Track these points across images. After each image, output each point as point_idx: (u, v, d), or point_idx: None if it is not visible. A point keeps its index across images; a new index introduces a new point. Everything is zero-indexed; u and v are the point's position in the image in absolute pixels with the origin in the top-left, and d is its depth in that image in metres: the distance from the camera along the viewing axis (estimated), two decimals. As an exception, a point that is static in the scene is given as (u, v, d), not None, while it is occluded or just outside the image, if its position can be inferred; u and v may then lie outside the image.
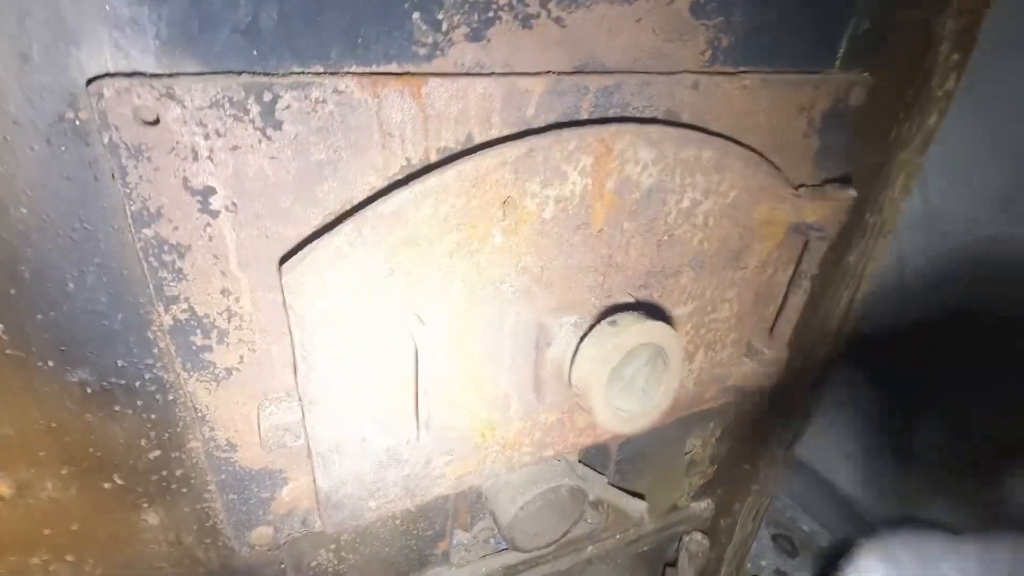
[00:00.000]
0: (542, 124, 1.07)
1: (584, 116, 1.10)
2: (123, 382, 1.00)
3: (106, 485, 1.08)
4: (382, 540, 1.51)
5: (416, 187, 0.91)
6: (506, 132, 1.04)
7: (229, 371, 1.04)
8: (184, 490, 1.17)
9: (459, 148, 1.02)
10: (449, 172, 0.92)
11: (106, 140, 0.78)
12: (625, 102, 1.13)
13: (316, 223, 0.97)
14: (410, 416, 1.13)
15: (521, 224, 1.04)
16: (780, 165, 1.31)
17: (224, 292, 0.96)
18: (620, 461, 1.82)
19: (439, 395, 1.10)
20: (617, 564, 2.10)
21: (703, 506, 2.19)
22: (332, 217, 0.98)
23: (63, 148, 0.79)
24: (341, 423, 1.06)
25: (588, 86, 1.07)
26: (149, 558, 1.21)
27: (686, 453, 1.93)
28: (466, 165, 0.92)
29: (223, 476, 1.14)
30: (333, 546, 1.45)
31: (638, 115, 1.15)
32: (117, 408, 1.02)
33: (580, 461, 1.90)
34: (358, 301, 0.96)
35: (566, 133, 0.99)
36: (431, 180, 0.91)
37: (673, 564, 2.14)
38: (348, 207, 0.98)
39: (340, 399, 1.03)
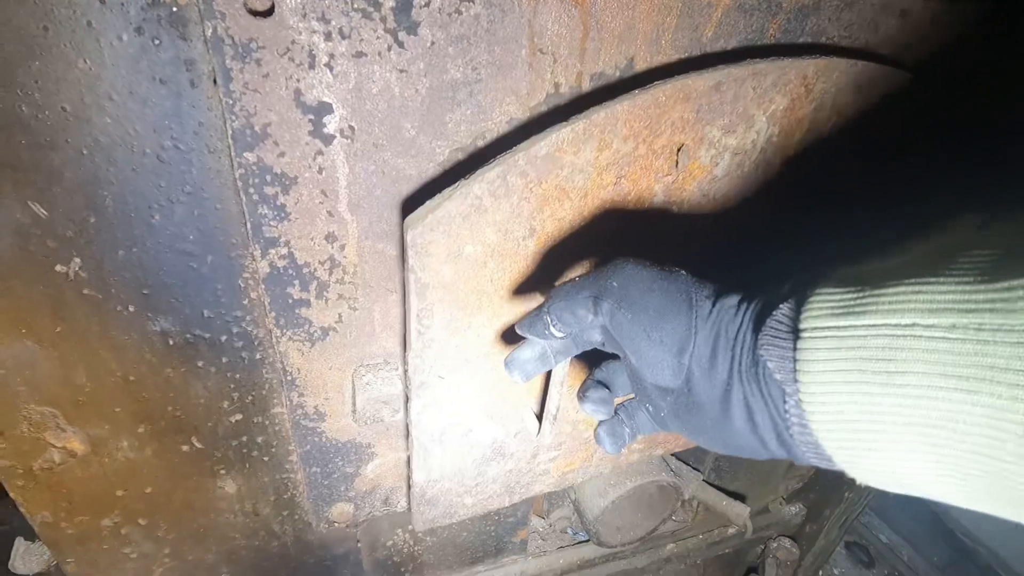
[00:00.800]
0: (719, 50, 0.85)
1: (768, 43, 0.88)
2: (208, 335, 0.87)
3: (184, 448, 0.97)
4: (461, 524, 1.38)
5: (579, 124, 0.71)
6: (676, 58, 0.83)
7: (325, 331, 0.89)
8: (265, 459, 1.04)
9: (616, 76, 0.82)
10: (620, 106, 0.72)
11: (208, 33, 0.61)
12: (819, 29, 0.89)
13: (441, 159, 0.79)
14: (527, 407, 0.97)
15: (688, 181, 0.83)
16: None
17: (329, 238, 0.80)
18: (719, 459, 1.63)
19: (571, 386, 0.93)
20: (695, 564, 1.93)
21: (794, 511, 1.99)
22: (461, 154, 0.80)
23: (157, 42, 0.63)
24: (450, 410, 0.91)
25: (781, 3, 0.84)
26: (223, 527, 1.11)
27: (792, 455, 1.72)
28: (643, 98, 0.72)
29: (308, 447, 1.01)
30: (410, 527, 1.33)
31: (833, 47, 0.91)
32: (200, 364, 0.89)
33: (674, 454, 1.72)
34: (490, 268, 0.78)
35: (763, 64, 0.77)
36: (599, 114, 0.71)
37: (755, 569, 1.96)
38: (480, 142, 0.80)
39: (453, 384, 0.87)
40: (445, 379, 0.86)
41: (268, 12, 0.62)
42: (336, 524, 1.16)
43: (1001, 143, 1.06)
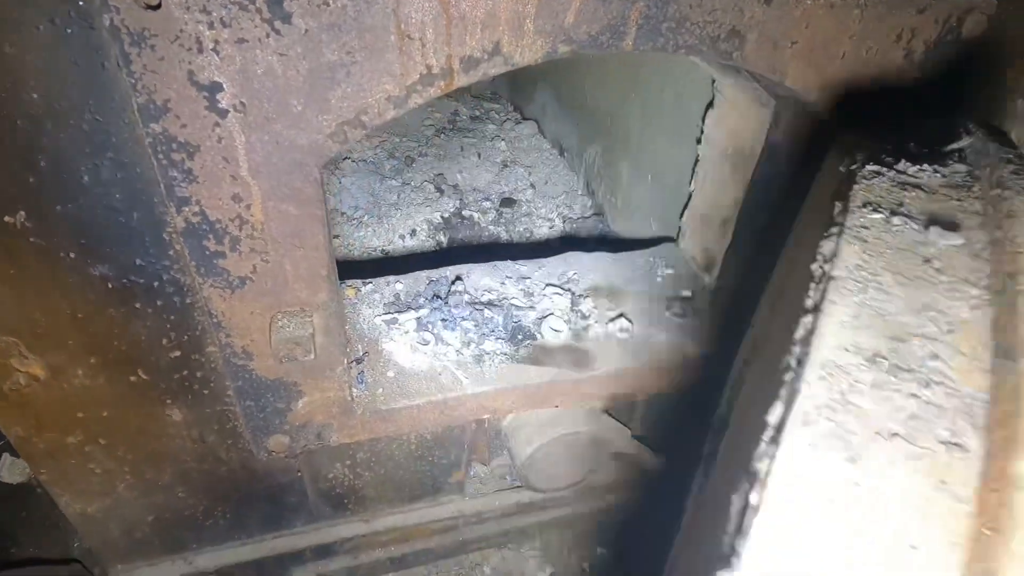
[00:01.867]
0: (583, 37, 0.95)
1: (631, 30, 0.97)
2: (142, 281, 1.02)
3: (132, 378, 1.13)
4: (396, 462, 1.54)
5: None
6: (540, 42, 0.93)
7: (243, 280, 1.03)
8: (205, 392, 1.21)
9: (485, 59, 0.93)
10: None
11: (107, 24, 0.74)
12: (682, 15, 0.98)
13: (330, 131, 0.92)
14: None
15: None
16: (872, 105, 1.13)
17: (236, 198, 0.94)
18: (645, 417, 1.75)
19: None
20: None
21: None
22: (348, 127, 0.92)
23: (68, 30, 0.77)
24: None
25: (639, -9, 0.93)
26: (175, 452, 1.28)
27: (719, 416, 1.84)
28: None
29: (240, 383, 1.17)
30: (349, 462, 1.49)
31: (697, 32, 1.00)
32: (138, 306, 1.04)
33: (606, 411, 1.85)
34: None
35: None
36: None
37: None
38: (364, 116, 0.92)
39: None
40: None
41: (157, 6, 0.75)
42: (275, 453, 1.33)
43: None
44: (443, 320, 1.58)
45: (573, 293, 1.76)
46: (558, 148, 3.46)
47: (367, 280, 1.74)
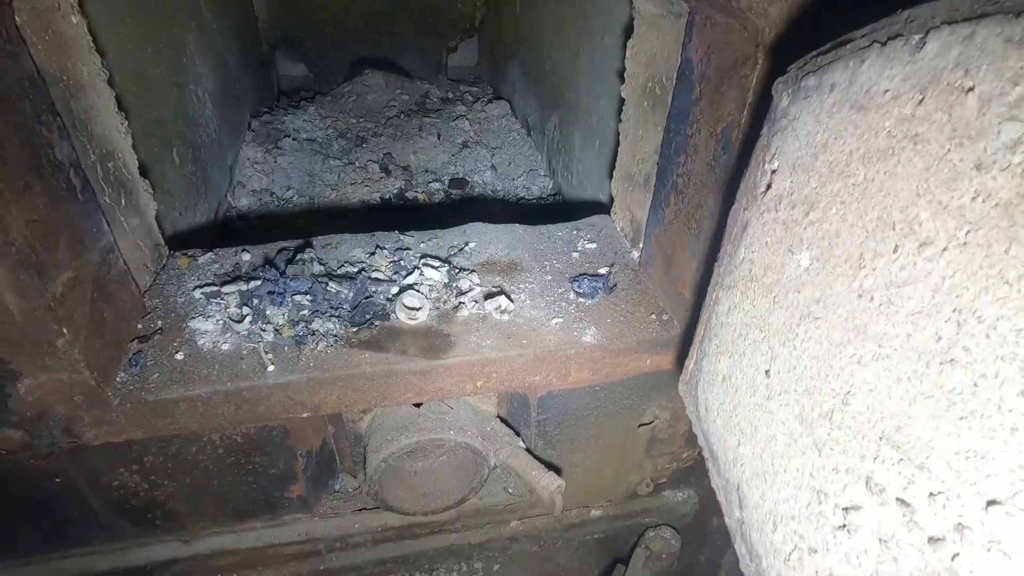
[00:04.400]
0: None
1: None
2: None
3: None
4: (204, 470, 1.22)
5: None
6: None
7: None
8: None
9: None
10: None
11: None
12: None
13: None
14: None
15: None
16: None
17: None
18: (542, 422, 1.38)
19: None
20: (554, 547, 1.69)
21: (680, 497, 1.70)
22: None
23: None
24: None
25: None
26: None
27: (641, 425, 1.45)
28: None
29: (-82, 355, 0.89)
30: (136, 467, 1.19)
31: None
32: None
33: (500, 417, 1.49)
34: None
35: None
36: None
37: (624, 561, 1.69)
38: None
39: None
40: None
41: None
42: (6, 452, 1.04)
43: None
44: (271, 293, 1.27)
45: (454, 267, 1.41)
46: (526, 127, 3.13)
47: (212, 249, 1.46)
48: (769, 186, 0.74)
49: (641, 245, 1.46)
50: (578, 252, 1.53)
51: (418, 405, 1.33)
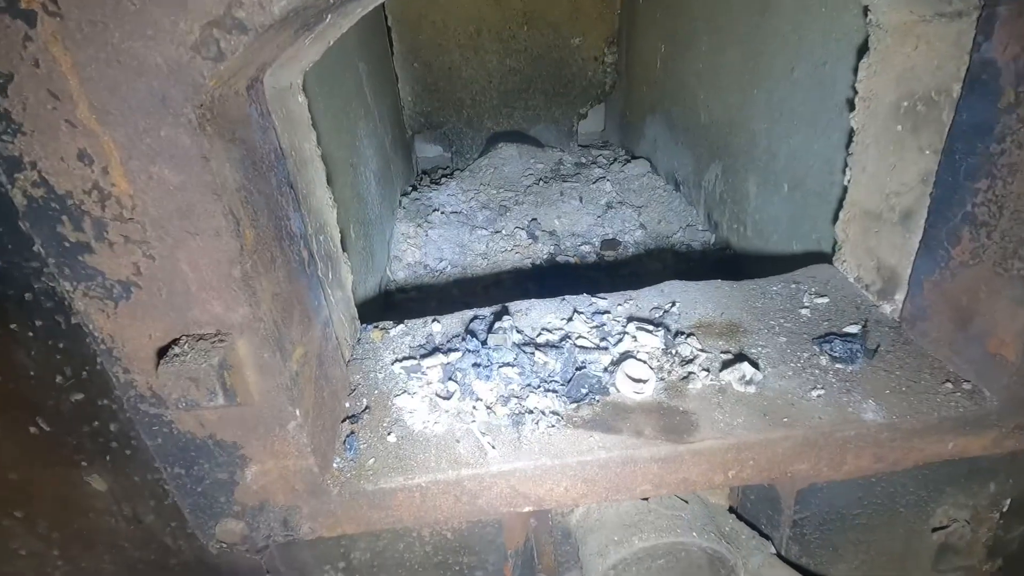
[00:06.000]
0: None
1: None
2: (11, 292, 0.76)
3: (32, 429, 0.86)
4: (409, 569, 1.08)
5: None
6: None
7: (125, 286, 0.73)
8: (127, 452, 0.90)
9: None
10: None
11: None
12: None
13: (193, 39, 0.60)
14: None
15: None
16: None
17: (83, 157, 0.65)
18: (800, 522, 1.10)
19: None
20: None
21: (971, 626, 1.29)
22: (219, 30, 0.60)
23: None
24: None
25: None
26: (106, 532, 0.98)
27: (935, 530, 1.11)
28: None
29: (159, 440, 0.85)
30: (342, 564, 1.07)
31: None
32: (14, 327, 0.78)
33: (732, 510, 1.23)
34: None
35: None
36: None
37: None
38: (238, 10, 0.59)
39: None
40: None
41: None
42: (228, 545, 0.96)
43: None
44: (476, 366, 1.15)
45: (668, 330, 1.23)
46: (673, 183, 2.96)
47: (401, 321, 1.40)
48: None
49: (899, 296, 1.19)
50: (807, 308, 1.28)
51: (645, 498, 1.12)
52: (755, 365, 1.08)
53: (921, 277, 1.11)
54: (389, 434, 1.04)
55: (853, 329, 1.18)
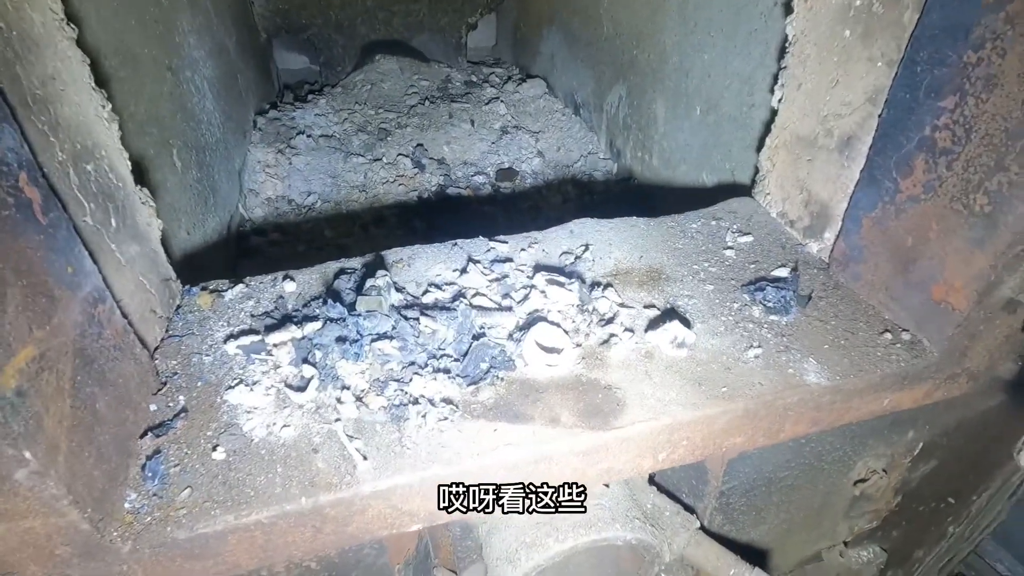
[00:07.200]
0: None
1: None
2: None
3: None
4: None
5: None
6: None
7: None
8: None
9: None
10: None
11: None
12: None
13: None
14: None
15: None
16: None
17: None
18: (728, 492, 0.98)
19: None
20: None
21: (866, 557, 1.31)
22: None
23: None
24: None
25: None
26: None
27: (856, 483, 1.05)
28: None
29: None
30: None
31: None
32: None
33: (652, 480, 1.09)
34: None
35: None
36: None
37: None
38: None
39: None
40: None
41: None
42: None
43: None
44: (341, 340, 0.86)
45: (583, 281, 1.01)
46: (572, 106, 2.71)
47: (241, 280, 1.05)
48: None
49: (829, 235, 1.06)
50: (731, 249, 1.12)
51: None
52: (685, 322, 0.91)
53: (859, 213, 0.97)
54: (215, 448, 0.74)
55: (783, 273, 1.04)
